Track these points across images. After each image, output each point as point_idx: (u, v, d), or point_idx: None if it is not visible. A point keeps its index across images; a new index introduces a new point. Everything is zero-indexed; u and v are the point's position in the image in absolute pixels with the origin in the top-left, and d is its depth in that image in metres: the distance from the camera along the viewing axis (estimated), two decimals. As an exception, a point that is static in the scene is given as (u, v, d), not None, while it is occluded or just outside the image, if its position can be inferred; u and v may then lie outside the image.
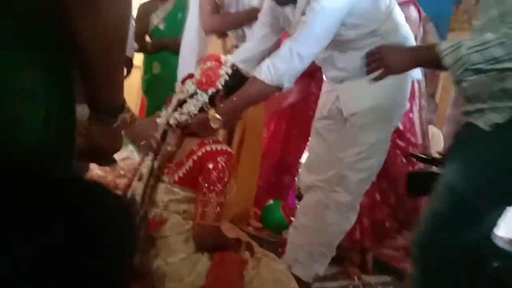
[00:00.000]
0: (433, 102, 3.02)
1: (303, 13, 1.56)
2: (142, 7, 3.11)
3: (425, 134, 2.29)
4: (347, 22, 1.59)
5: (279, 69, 1.51)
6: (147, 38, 3.02)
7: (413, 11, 2.33)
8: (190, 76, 1.50)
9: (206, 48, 2.40)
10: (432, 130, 2.81)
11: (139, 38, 2.97)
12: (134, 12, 2.88)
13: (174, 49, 2.61)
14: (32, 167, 0.67)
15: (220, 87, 1.46)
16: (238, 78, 1.50)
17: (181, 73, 2.26)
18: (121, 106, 0.83)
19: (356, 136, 1.76)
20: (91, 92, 0.77)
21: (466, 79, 1.16)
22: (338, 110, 1.84)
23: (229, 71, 1.47)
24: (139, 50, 3.08)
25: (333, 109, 1.86)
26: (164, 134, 1.47)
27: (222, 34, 2.27)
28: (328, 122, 1.91)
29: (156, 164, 1.43)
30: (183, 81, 1.52)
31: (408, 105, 1.98)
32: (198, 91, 1.46)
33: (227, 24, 2.07)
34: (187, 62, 2.31)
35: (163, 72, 2.92)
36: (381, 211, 2.24)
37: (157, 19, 2.95)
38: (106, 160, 0.93)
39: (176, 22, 2.85)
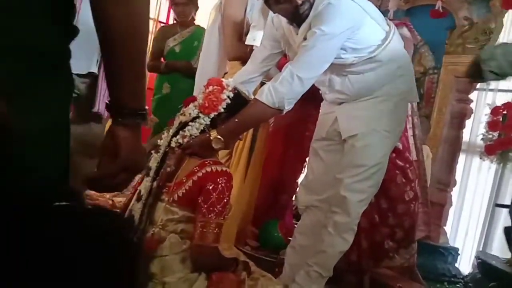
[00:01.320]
0: (427, 123, 3.05)
1: (305, 38, 1.60)
2: (161, 30, 3.37)
3: (419, 151, 2.32)
4: (346, 46, 1.63)
5: (280, 92, 1.55)
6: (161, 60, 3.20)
7: (405, 31, 2.39)
8: (193, 99, 1.53)
9: (222, 72, 2.45)
10: (427, 151, 2.83)
11: (155, 58, 3.15)
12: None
13: (186, 72, 2.73)
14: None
15: (222, 110, 1.49)
16: (239, 101, 1.54)
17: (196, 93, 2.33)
18: (145, 109, 0.81)
19: (355, 157, 1.77)
20: (119, 94, 0.77)
21: None
22: (336, 132, 1.86)
23: (231, 94, 1.50)
24: (152, 70, 3.26)
25: (332, 131, 1.89)
26: (165, 156, 1.48)
27: (245, 61, 2.33)
28: (326, 143, 1.93)
29: (155, 183, 1.44)
30: (185, 104, 1.54)
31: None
32: (201, 115, 1.49)
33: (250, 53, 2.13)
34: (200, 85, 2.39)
35: (173, 93, 3.07)
36: (380, 232, 2.24)
37: (173, 42, 3.14)
38: (135, 171, 0.83)
39: (191, 48, 3.06)
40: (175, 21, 3.31)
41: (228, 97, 1.49)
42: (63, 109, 0.75)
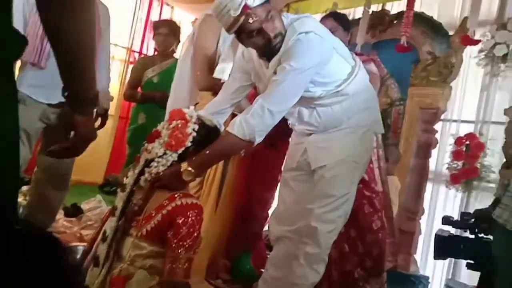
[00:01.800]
0: (397, 152, 3.13)
1: (275, 72, 1.65)
2: (141, 60, 3.43)
3: (384, 182, 2.38)
4: (314, 80, 1.69)
5: (251, 125, 1.57)
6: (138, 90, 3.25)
7: (373, 67, 2.49)
8: (157, 135, 1.51)
9: (193, 102, 2.45)
10: (396, 182, 2.89)
11: (132, 87, 3.16)
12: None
13: (161, 103, 2.75)
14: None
15: (189, 144, 1.49)
16: (205, 131, 1.54)
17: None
18: (97, 96, 1.00)
19: (324, 188, 1.81)
20: (72, 86, 0.94)
21: None
22: (306, 162, 1.90)
23: (196, 127, 1.50)
24: (129, 99, 3.27)
25: (302, 161, 1.92)
26: (131, 195, 1.47)
27: (216, 92, 2.35)
28: (297, 173, 1.96)
29: (121, 222, 1.41)
30: (149, 140, 1.52)
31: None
32: (168, 152, 1.48)
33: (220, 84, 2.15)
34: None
35: (148, 123, 3.06)
36: (350, 261, 2.26)
37: (152, 73, 3.20)
38: (82, 149, 1.06)
39: (169, 79, 3.06)
40: (155, 52, 3.34)
41: (194, 129, 1.49)
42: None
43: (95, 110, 1.11)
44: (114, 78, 3.83)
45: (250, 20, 1.56)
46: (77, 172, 2.52)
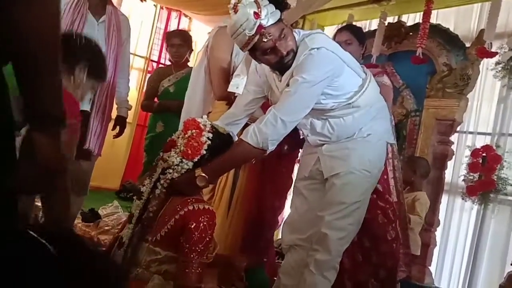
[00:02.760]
0: (425, 164, 3.00)
1: (287, 84, 1.69)
2: (157, 71, 3.51)
3: (399, 193, 2.37)
4: (326, 92, 1.73)
5: (265, 133, 1.62)
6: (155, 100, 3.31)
7: (385, 79, 2.50)
8: (172, 144, 1.54)
9: (207, 111, 2.51)
10: (423, 197, 2.84)
11: (148, 98, 3.23)
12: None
13: (178, 112, 2.81)
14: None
15: (204, 152, 1.52)
16: (219, 139, 1.58)
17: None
18: (61, 117, 0.81)
19: (335, 195, 1.82)
20: (29, 99, 0.76)
21: None
22: (319, 171, 1.92)
23: (210, 135, 1.54)
24: (146, 110, 3.33)
25: (314, 170, 1.95)
26: (148, 202, 1.50)
27: (230, 102, 2.40)
28: (309, 182, 1.99)
29: (138, 228, 1.45)
30: (166, 149, 1.56)
31: (383, 167, 2.07)
32: (184, 160, 1.51)
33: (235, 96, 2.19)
34: None
35: (166, 132, 3.11)
36: (363, 271, 2.25)
37: (168, 83, 3.25)
38: (54, 172, 0.83)
39: (184, 88, 3.11)
40: (170, 63, 3.42)
41: (208, 138, 1.53)
42: None
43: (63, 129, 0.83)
44: (133, 87, 3.91)
45: (265, 39, 1.60)
46: (95, 178, 2.59)
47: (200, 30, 4.95)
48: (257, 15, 1.54)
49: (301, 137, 2.11)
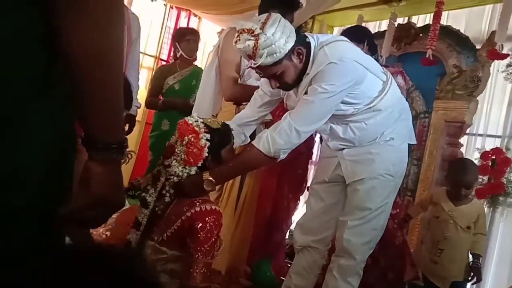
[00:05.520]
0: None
1: (305, 92, 1.66)
2: (160, 69, 3.50)
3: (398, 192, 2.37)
4: (345, 100, 1.69)
5: (278, 143, 1.59)
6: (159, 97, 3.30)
7: (400, 79, 2.50)
8: (171, 150, 1.51)
9: (217, 110, 2.52)
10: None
11: (153, 95, 3.22)
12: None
13: (183, 110, 2.81)
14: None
15: (206, 155, 1.49)
16: (217, 136, 1.53)
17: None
18: (123, 142, 0.72)
19: (359, 201, 1.79)
20: (90, 127, 0.70)
21: None
22: (339, 176, 1.88)
23: (208, 136, 1.50)
24: (150, 107, 3.33)
25: (335, 175, 1.91)
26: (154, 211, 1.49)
27: (239, 104, 2.41)
28: (328, 184, 1.95)
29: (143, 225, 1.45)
30: (165, 155, 1.52)
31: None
32: (187, 167, 1.49)
33: (246, 95, 2.20)
34: None
35: (172, 130, 3.07)
36: (372, 274, 2.25)
37: (173, 80, 3.25)
38: (109, 207, 0.74)
39: (190, 86, 3.17)
40: (174, 60, 3.41)
41: (207, 139, 1.49)
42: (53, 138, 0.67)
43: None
44: (142, 86, 3.93)
45: (260, 75, 1.65)
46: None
47: (209, 30, 4.97)
48: (250, 56, 1.54)
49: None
